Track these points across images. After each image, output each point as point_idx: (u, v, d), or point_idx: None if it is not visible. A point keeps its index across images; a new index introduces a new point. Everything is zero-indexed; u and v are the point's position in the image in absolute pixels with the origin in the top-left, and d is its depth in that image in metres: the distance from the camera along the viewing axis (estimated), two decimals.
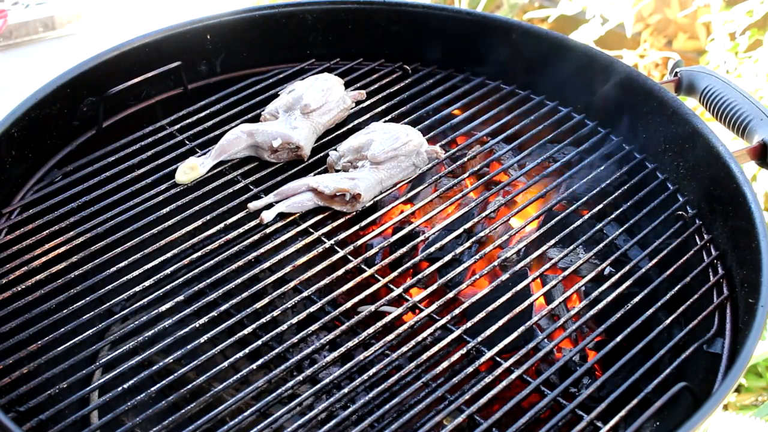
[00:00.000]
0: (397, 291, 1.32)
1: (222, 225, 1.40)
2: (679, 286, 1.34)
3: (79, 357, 1.19)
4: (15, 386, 1.14)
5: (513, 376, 1.21)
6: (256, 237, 1.39)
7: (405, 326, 1.26)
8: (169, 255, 1.34)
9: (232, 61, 1.75)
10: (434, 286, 1.34)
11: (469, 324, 1.27)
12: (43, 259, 1.31)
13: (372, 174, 1.47)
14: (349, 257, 1.37)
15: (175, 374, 1.18)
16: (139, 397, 1.15)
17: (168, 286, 1.29)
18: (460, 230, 1.44)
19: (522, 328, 1.27)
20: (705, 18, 3.57)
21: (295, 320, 1.27)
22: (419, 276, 1.35)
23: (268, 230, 1.40)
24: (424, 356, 1.23)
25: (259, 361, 1.20)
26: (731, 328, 1.28)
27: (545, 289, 1.35)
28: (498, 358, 1.24)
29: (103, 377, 1.18)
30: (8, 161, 1.45)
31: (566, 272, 1.39)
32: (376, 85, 1.74)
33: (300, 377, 1.19)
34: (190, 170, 1.49)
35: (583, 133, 1.65)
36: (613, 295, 1.32)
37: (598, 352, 1.26)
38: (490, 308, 1.29)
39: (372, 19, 1.80)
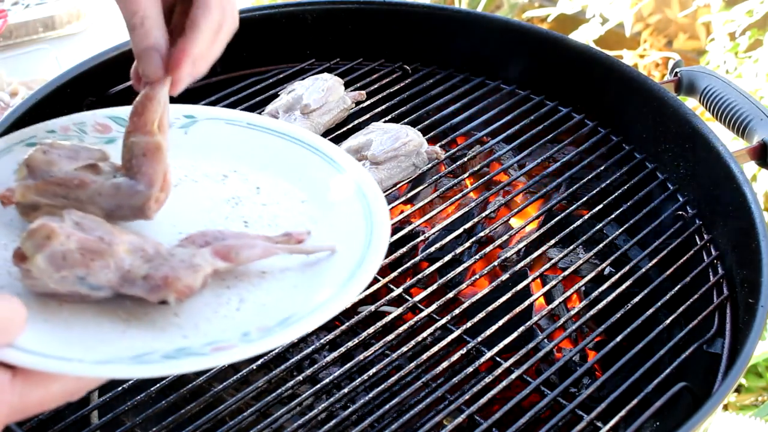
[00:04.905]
0: (397, 291, 1.32)
1: None
2: (679, 286, 1.34)
3: None
4: None
5: (513, 376, 1.21)
6: None
7: (405, 326, 1.26)
8: None
9: (232, 61, 1.75)
10: (434, 286, 1.34)
11: (469, 324, 1.27)
12: None
13: (372, 174, 1.47)
14: None
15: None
16: (139, 397, 1.14)
17: None
18: (460, 230, 1.44)
19: (522, 328, 1.27)
20: (705, 18, 3.57)
21: None
22: (419, 276, 1.35)
23: None
24: (424, 356, 1.23)
25: (259, 361, 1.20)
26: (731, 328, 1.28)
27: (545, 289, 1.35)
28: (498, 358, 1.24)
29: None
30: None
31: (566, 272, 1.39)
32: (376, 85, 1.73)
33: (300, 377, 1.19)
34: None
35: (583, 133, 1.65)
36: (613, 295, 1.32)
37: (598, 352, 1.26)
38: (490, 308, 1.29)
39: (372, 19, 1.80)
